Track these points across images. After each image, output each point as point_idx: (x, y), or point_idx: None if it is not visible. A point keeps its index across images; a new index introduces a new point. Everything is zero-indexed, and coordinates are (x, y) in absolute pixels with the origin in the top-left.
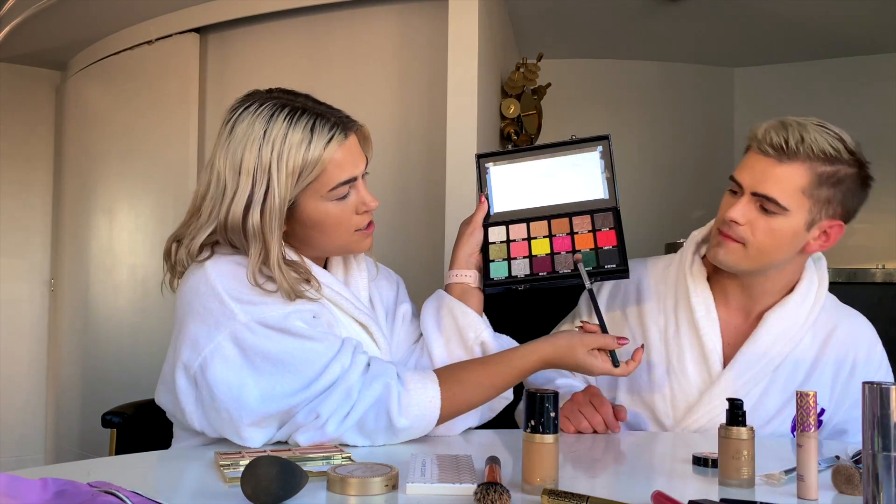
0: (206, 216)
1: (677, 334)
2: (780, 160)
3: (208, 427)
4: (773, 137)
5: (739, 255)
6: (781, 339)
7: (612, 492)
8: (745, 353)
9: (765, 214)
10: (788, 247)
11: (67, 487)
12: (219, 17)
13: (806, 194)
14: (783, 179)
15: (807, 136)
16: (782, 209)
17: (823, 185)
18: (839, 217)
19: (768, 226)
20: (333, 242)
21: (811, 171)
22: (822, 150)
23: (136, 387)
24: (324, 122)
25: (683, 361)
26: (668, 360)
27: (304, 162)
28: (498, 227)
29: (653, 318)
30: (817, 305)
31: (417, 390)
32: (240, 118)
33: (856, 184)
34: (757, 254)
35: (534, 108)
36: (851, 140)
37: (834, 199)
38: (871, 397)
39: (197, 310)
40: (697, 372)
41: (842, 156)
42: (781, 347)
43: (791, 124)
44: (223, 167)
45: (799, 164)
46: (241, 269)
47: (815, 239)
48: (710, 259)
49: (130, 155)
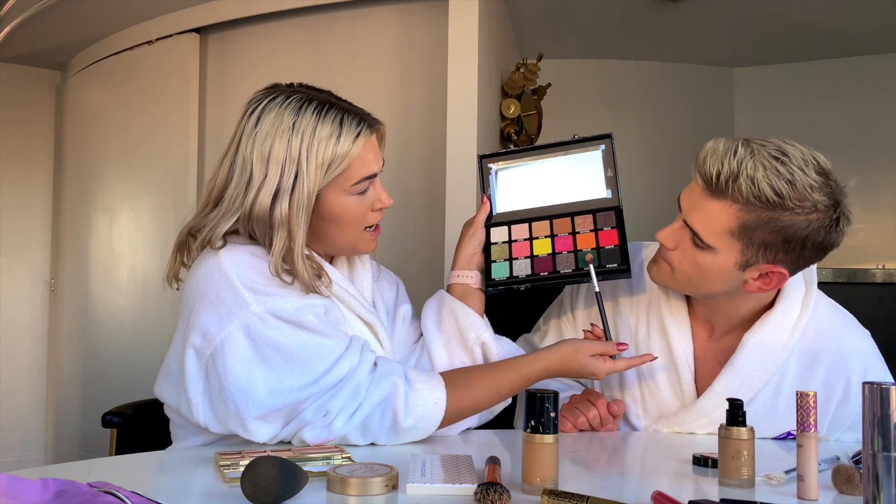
0: (229, 205)
1: (647, 338)
2: (710, 193)
3: (213, 420)
4: (708, 165)
5: (668, 278)
6: (763, 365)
7: (612, 492)
8: (722, 380)
9: (693, 245)
10: (721, 282)
11: (67, 488)
12: (219, 17)
13: (735, 236)
14: (709, 216)
15: (745, 172)
16: (707, 246)
17: (759, 229)
18: (783, 263)
19: (694, 258)
20: (346, 238)
21: (742, 213)
22: (758, 194)
23: (136, 387)
24: (351, 117)
25: (654, 368)
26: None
27: (332, 155)
28: (500, 227)
29: (624, 318)
30: (804, 318)
31: (424, 391)
32: (266, 109)
33: (811, 230)
34: (685, 281)
35: (534, 108)
36: (812, 179)
37: (774, 245)
38: (871, 397)
39: (209, 297)
40: (668, 382)
41: (786, 202)
42: (763, 374)
43: (734, 153)
44: (250, 156)
45: (728, 204)
46: (256, 260)
47: (754, 280)
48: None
49: (130, 155)
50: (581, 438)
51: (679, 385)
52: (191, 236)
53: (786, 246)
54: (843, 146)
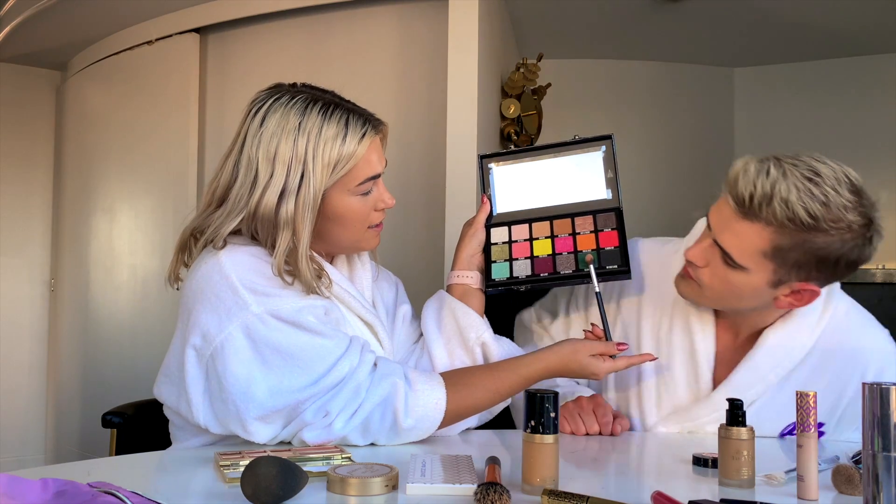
0: (234, 205)
1: (669, 334)
2: (742, 215)
3: (213, 420)
4: (741, 185)
5: (696, 294)
6: (781, 363)
7: (612, 492)
8: (739, 374)
9: (723, 264)
10: (751, 299)
11: (67, 488)
12: (219, 17)
13: (768, 257)
14: (741, 236)
15: (778, 195)
16: (739, 266)
17: (793, 251)
18: (815, 281)
19: (725, 276)
20: (349, 238)
21: (776, 236)
22: (793, 217)
23: (136, 387)
24: (356, 117)
25: (672, 364)
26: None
27: (339, 155)
28: (500, 227)
29: (647, 312)
30: (824, 318)
31: (424, 391)
32: (271, 109)
33: (846, 250)
34: (715, 297)
35: (534, 108)
36: (846, 199)
37: (808, 265)
38: (871, 397)
39: (209, 298)
40: (685, 378)
41: (820, 224)
42: (779, 370)
43: (767, 174)
44: (256, 156)
45: (761, 227)
46: (256, 260)
47: (786, 296)
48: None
49: (130, 155)
50: (581, 438)
51: (696, 382)
52: (193, 236)
53: (819, 265)
54: (843, 146)
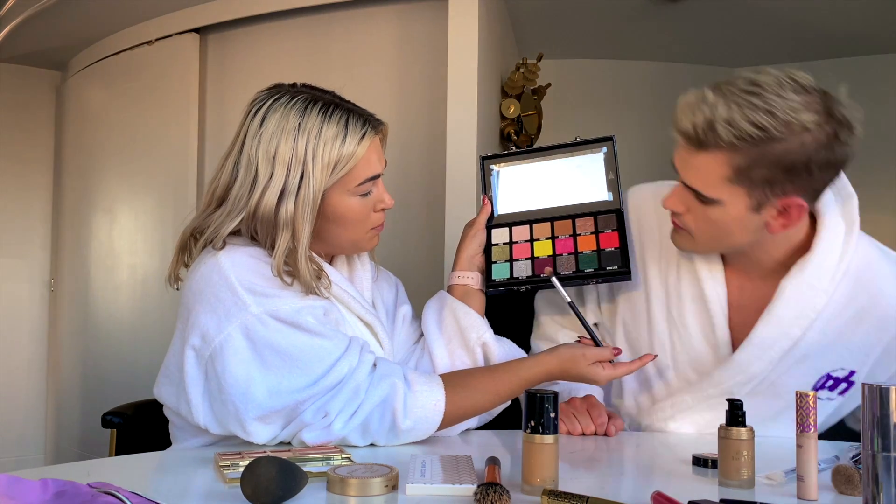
0: (234, 205)
1: (678, 284)
2: (695, 148)
3: (212, 421)
4: (683, 120)
5: (690, 243)
6: (803, 312)
7: (611, 492)
8: (760, 329)
9: (700, 203)
10: (742, 232)
11: (67, 488)
12: (219, 17)
13: (734, 182)
14: (701, 169)
15: (719, 117)
16: (712, 200)
17: (756, 168)
18: (796, 193)
19: (706, 216)
20: (349, 238)
21: (731, 158)
22: (740, 134)
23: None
24: (356, 118)
25: (684, 314)
26: (668, 310)
27: (338, 156)
28: (501, 228)
29: (653, 262)
30: (844, 261)
31: (423, 392)
32: (271, 109)
33: (810, 152)
34: (708, 240)
35: (534, 109)
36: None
37: (778, 179)
38: (871, 397)
39: (208, 299)
40: (700, 328)
41: (771, 133)
42: (803, 321)
43: (704, 100)
44: (255, 156)
45: (714, 153)
46: (255, 261)
47: (774, 219)
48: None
49: (130, 155)
50: (581, 438)
51: (712, 332)
52: (193, 237)
53: (789, 175)
54: None
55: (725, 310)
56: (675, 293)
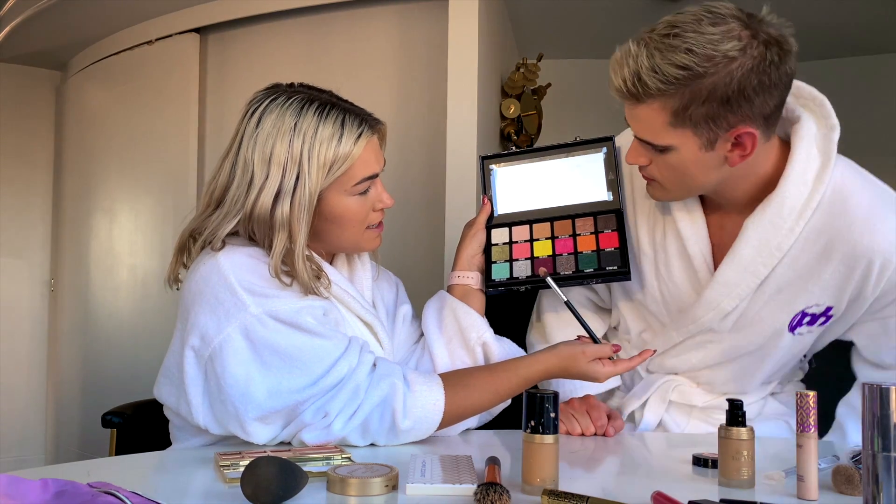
0: (231, 206)
1: (664, 240)
2: (632, 102)
3: (212, 421)
4: (613, 80)
5: (663, 192)
6: (765, 250)
7: (611, 492)
8: (724, 269)
9: (658, 153)
10: (704, 172)
11: (67, 488)
12: (219, 17)
13: (677, 125)
14: (644, 121)
15: (642, 67)
16: (664, 147)
17: (691, 107)
18: (742, 123)
19: (665, 163)
20: (348, 238)
21: (665, 103)
22: (665, 79)
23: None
24: (353, 118)
25: (671, 269)
26: (656, 265)
27: (334, 156)
28: (501, 228)
29: (642, 220)
30: (815, 197)
31: (423, 392)
32: (267, 110)
33: (741, 79)
34: (677, 187)
35: (534, 109)
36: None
37: (717, 112)
38: (871, 397)
39: (207, 299)
40: (688, 281)
41: (695, 70)
42: (767, 259)
43: (628, 54)
44: (252, 157)
45: (649, 103)
46: (255, 261)
47: (730, 152)
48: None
49: (130, 155)
50: (581, 438)
51: (696, 279)
52: (192, 238)
53: (728, 107)
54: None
55: (708, 257)
56: (662, 250)
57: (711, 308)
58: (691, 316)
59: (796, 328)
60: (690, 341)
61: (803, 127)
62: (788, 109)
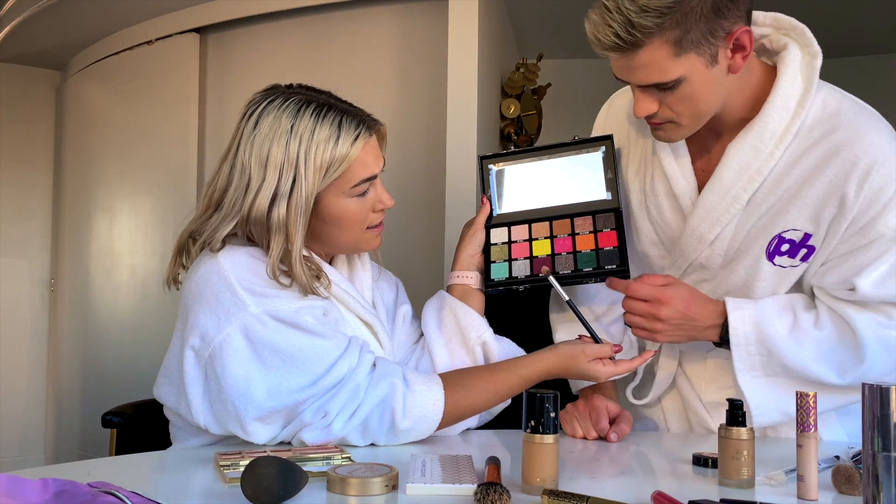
0: (229, 209)
1: (653, 182)
2: (631, 51)
3: (212, 421)
4: (603, 39)
5: (677, 131)
6: (745, 174)
7: (612, 492)
8: (706, 195)
9: (668, 92)
10: (714, 92)
11: (67, 488)
12: (219, 17)
13: (682, 54)
14: (649, 65)
15: (631, 13)
16: (675, 82)
17: (691, 31)
18: (735, 24)
19: (678, 98)
20: (348, 239)
21: (666, 36)
22: (658, 12)
23: (136, 387)
24: (350, 119)
25: (661, 208)
26: (647, 208)
27: (331, 158)
28: (500, 228)
29: (633, 171)
30: (796, 122)
31: (422, 392)
32: (265, 112)
33: None
34: (691, 118)
35: (534, 108)
36: None
37: (713, 24)
38: (871, 397)
39: (208, 299)
40: (674, 213)
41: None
42: (747, 184)
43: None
44: (249, 160)
45: (648, 44)
46: (254, 261)
47: (732, 59)
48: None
49: (130, 155)
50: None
51: (682, 212)
52: (191, 239)
53: (721, 14)
54: None
55: (693, 190)
56: (652, 195)
57: (695, 236)
58: (680, 249)
59: (774, 256)
60: (685, 280)
61: (790, 54)
62: (772, 39)
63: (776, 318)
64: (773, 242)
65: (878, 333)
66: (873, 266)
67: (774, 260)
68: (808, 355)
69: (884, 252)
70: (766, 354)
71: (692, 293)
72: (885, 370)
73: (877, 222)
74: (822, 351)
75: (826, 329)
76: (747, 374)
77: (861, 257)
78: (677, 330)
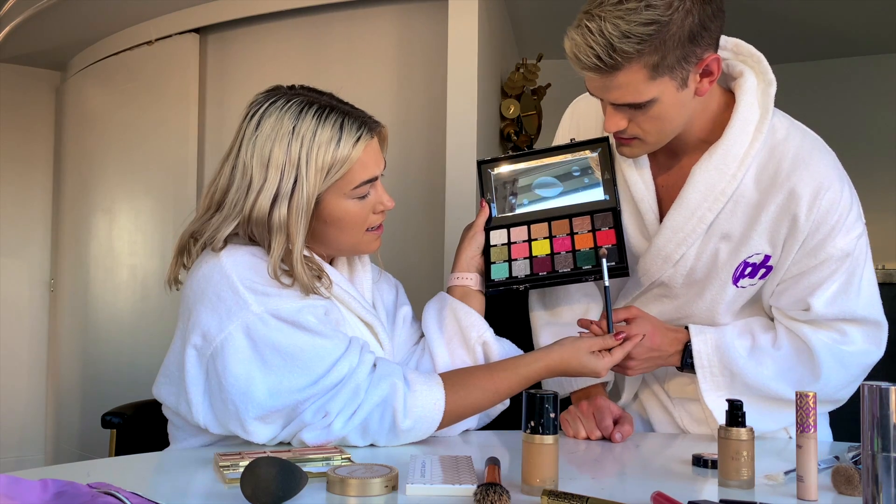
0: (230, 209)
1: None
2: (610, 72)
3: (212, 421)
4: (583, 58)
5: (642, 148)
6: (711, 195)
7: (611, 492)
8: (672, 215)
9: (639, 111)
10: (680, 113)
11: (67, 488)
12: (219, 17)
13: (657, 77)
14: (625, 86)
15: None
16: (647, 102)
17: (667, 56)
18: (707, 52)
19: (647, 117)
20: (348, 241)
21: (644, 60)
22: (638, 39)
23: (136, 387)
24: (352, 121)
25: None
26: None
27: (333, 159)
28: (499, 230)
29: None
30: (755, 146)
31: (423, 392)
32: (267, 113)
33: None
34: (657, 136)
35: (534, 109)
36: None
37: (687, 52)
38: (871, 397)
39: (210, 298)
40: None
41: (660, 19)
42: (712, 204)
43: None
44: (250, 161)
45: (627, 67)
46: (256, 260)
47: (700, 83)
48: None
49: (130, 155)
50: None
51: (646, 228)
52: (192, 239)
53: (695, 42)
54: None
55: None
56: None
57: (661, 256)
58: (644, 267)
59: (739, 279)
60: (646, 296)
61: (747, 81)
62: (730, 65)
63: (736, 340)
64: (738, 268)
65: (832, 350)
66: (825, 286)
67: (738, 283)
68: (767, 374)
69: (833, 272)
70: (728, 375)
71: (654, 325)
72: (839, 384)
73: (826, 244)
74: (780, 369)
75: (784, 348)
76: (713, 394)
77: (812, 277)
78: (646, 363)
